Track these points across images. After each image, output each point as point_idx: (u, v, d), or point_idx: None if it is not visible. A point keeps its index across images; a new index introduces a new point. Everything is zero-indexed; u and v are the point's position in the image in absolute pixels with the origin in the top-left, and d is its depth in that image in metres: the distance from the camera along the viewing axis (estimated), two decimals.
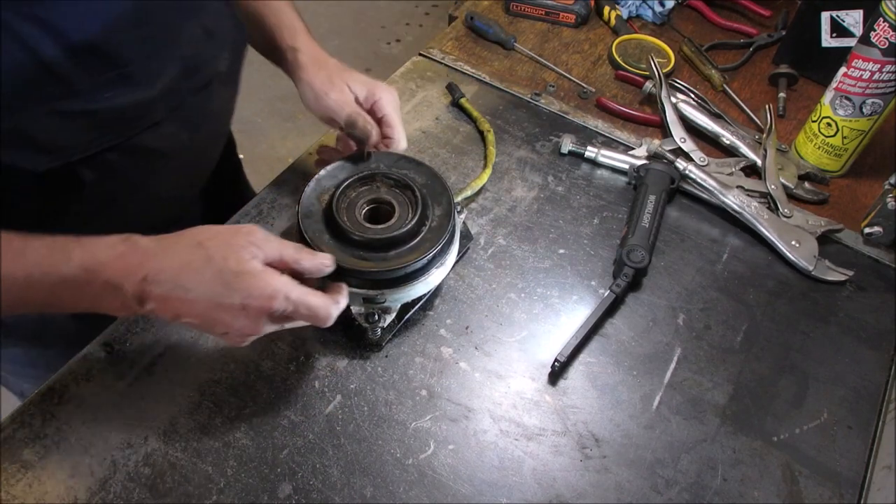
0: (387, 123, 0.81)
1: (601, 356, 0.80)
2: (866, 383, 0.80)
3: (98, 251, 0.59)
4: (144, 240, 0.60)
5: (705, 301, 0.86)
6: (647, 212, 0.90)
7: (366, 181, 0.77)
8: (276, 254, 0.63)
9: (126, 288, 0.58)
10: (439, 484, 0.69)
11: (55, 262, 0.58)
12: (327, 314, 0.64)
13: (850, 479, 0.72)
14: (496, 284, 0.86)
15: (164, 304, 0.59)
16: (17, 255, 0.57)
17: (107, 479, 0.67)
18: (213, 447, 0.69)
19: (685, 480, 0.71)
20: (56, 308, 0.62)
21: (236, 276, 0.59)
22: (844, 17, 1.08)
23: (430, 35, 3.13)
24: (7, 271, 0.57)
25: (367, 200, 0.76)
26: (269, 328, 0.63)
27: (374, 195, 0.76)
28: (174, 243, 0.61)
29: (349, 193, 0.75)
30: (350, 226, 0.72)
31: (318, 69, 0.82)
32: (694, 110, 1.06)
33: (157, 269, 0.59)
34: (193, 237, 0.62)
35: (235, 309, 0.59)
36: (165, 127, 0.75)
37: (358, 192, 0.76)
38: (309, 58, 0.84)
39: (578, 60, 1.19)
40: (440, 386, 0.76)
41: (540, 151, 1.02)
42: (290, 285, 0.61)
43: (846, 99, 0.95)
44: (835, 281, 0.89)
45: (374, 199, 0.76)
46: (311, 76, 0.82)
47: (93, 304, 0.60)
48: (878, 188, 0.99)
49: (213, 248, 0.60)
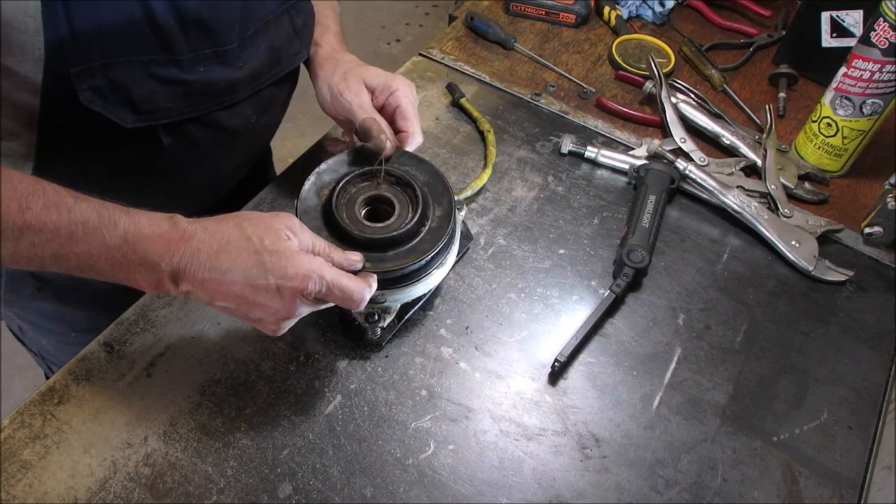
0: (402, 115, 0.79)
1: (601, 356, 0.80)
2: (866, 383, 0.80)
3: (143, 225, 0.59)
4: (185, 221, 0.61)
5: (705, 301, 0.86)
6: (647, 212, 0.90)
7: (367, 177, 0.76)
8: (309, 243, 0.64)
9: (163, 266, 0.59)
10: (439, 484, 0.69)
11: (101, 225, 0.58)
12: (361, 297, 0.64)
13: (850, 479, 0.72)
14: (496, 284, 0.85)
15: (200, 285, 0.60)
16: (67, 210, 0.57)
17: (107, 479, 0.67)
18: (213, 447, 0.69)
19: (685, 480, 0.71)
20: (91, 274, 0.61)
21: (272, 255, 0.60)
22: (844, 17, 1.08)
23: (430, 35, 3.13)
24: (53, 223, 0.57)
25: (366, 198, 0.75)
26: (304, 310, 0.63)
27: (375, 192, 0.75)
28: (215, 225, 0.61)
29: (349, 189, 0.74)
30: (349, 224, 0.71)
31: (335, 66, 0.82)
32: (694, 110, 1.06)
33: (194, 249, 0.59)
34: (233, 220, 0.62)
35: (271, 290, 0.60)
36: (242, 108, 0.78)
37: (358, 188, 0.75)
38: (326, 54, 0.84)
39: (578, 60, 1.19)
40: (440, 386, 0.76)
41: (540, 151, 1.02)
42: (324, 266, 0.62)
43: (846, 99, 0.95)
44: (835, 281, 0.89)
45: (374, 197, 0.75)
46: (328, 73, 0.82)
47: (129, 276, 0.61)
48: (878, 188, 0.99)
49: (250, 229, 0.61)
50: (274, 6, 0.77)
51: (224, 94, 0.75)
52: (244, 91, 0.77)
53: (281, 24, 0.80)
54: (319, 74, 0.83)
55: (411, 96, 0.80)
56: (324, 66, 0.83)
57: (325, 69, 0.83)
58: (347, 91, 0.78)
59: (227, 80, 0.74)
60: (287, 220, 0.63)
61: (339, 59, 0.83)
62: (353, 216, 0.73)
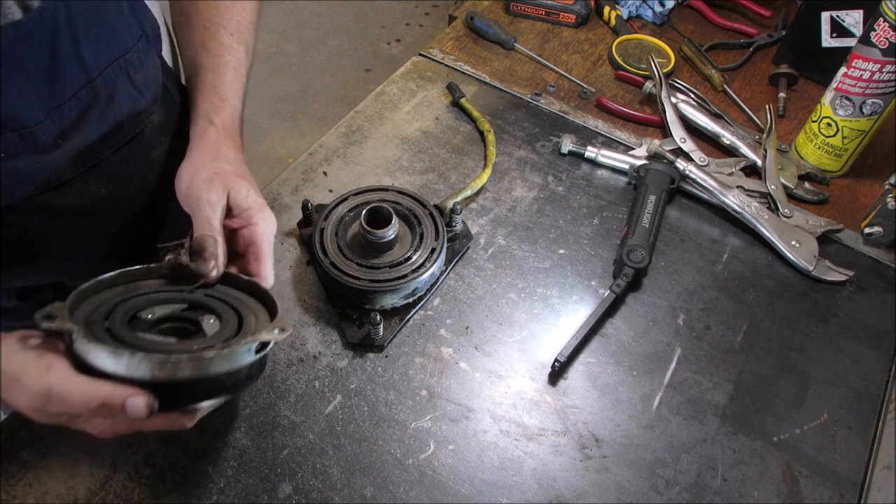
0: (254, 255, 0.67)
1: (601, 356, 0.80)
2: (866, 383, 0.80)
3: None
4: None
5: (705, 301, 0.86)
6: (647, 212, 0.90)
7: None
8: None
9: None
10: (439, 484, 0.69)
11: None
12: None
13: (850, 479, 0.72)
14: (496, 284, 0.86)
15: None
16: None
17: (107, 479, 0.67)
18: (213, 447, 0.69)
19: (685, 480, 0.71)
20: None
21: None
22: (844, 17, 1.08)
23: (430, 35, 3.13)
24: None
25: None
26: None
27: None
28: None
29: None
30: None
31: (211, 160, 0.69)
32: (694, 110, 1.06)
33: None
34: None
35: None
36: (80, 184, 0.70)
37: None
38: (212, 140, 0.72)
39: (578, 60, 1.19)
40: (440, 386, 0.76)
41: (540, 151, 1.02)
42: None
43: (846, 99, 0.95)
44: (835, 281, 0.89)
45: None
46: (199, 163, 0.69)
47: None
48: (878, 188, 0.99)
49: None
50: (96, 70, 0.67)
51: (42, 177, 0.66)
52: (74, 169, 0.68)
53: (113, 88, 0.69)
54: (191, 158, 0.70)
55: (269, 235, 0.68)
56: (201, 151, 0.71)
57: (200, 155, 0.70)
58: (206, 195, 0.66)
59: (41, 163, 0.65)
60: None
61: (220, 153, 0.71)
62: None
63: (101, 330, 0.56)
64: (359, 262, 0.79)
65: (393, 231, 0.79)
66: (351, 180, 0.96)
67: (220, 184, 0.67)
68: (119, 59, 0.69)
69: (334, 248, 0.80)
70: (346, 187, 0.92)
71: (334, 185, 0.95)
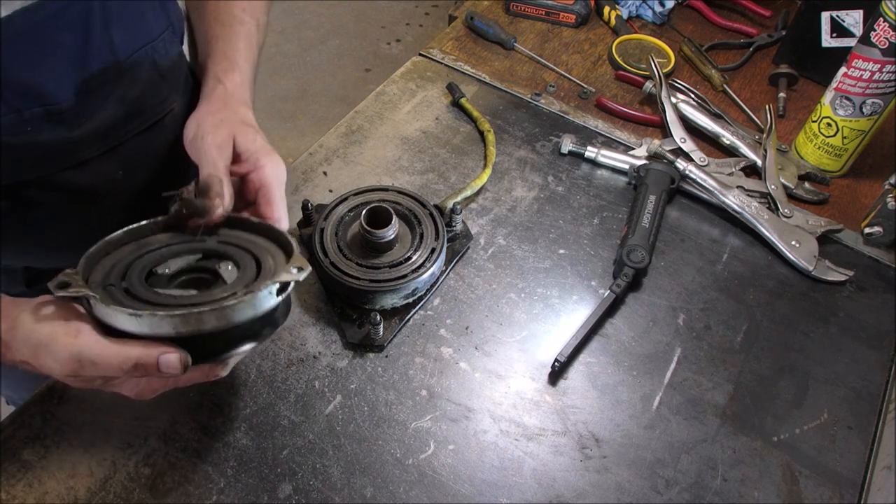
0: (265, 198, 0.66)
1: (601, 356, 0.80)
2: (866, 383, 0.80)
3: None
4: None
5: (705, 301, 0.86)
6: (647, 212, 0.90)
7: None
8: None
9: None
10: (439, 484, 0.69)
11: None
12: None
13: (850, 479, 0.72)
14: (496, 284, 0.86)
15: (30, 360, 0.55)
16: None
17: (107, 479, 0.67)
18: (213, 447, 0.69)
19: (685, 480, 0.71)
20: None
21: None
22: (844, 17, 1.08)
23: (430, 35, 3.13)
24: None
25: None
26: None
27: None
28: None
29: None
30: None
31: (218, 110, 0.70)
32: (694, 110, 1.06)
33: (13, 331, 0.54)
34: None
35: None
36: (98, 166, 0.71)
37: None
38: (221, 96, 0.72)
39: (578, 60, 1.19)
40: (440, 386, 0.76)
41: (540, 151, 1.02)
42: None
43: (846, 99, 0.95)
44: (835, 281, 0.89)
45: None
46: (206, 112, 0.70)
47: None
48: (878, 188, 0.99)
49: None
50: (124, 53, 0.68)
51: (63, 154, 0.68)
52: (94, 149, 0.70)
53: (139, 72, 0.71)
54: (200, 108, 0.71)
55: (280, 177, 0.68)
56: (209, 104, 0.72)
57: (208, 106, 0.71)
58: (210, 138, 0.66)
59: (63, 139, 0.66)
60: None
61: (228, 106, 0.71)
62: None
63: (119, 291, 0.56)
64: (359, 262, 0.79)
65: (393, 231, 0.79)
66: (351, 180, 0.96)
67: (226, 129, 0.68)
68: (146, 46, 0.72)
69: (334, 248, 0.80)
70: (346, 187, 0.92)
71: (334, 185, 0.95)
